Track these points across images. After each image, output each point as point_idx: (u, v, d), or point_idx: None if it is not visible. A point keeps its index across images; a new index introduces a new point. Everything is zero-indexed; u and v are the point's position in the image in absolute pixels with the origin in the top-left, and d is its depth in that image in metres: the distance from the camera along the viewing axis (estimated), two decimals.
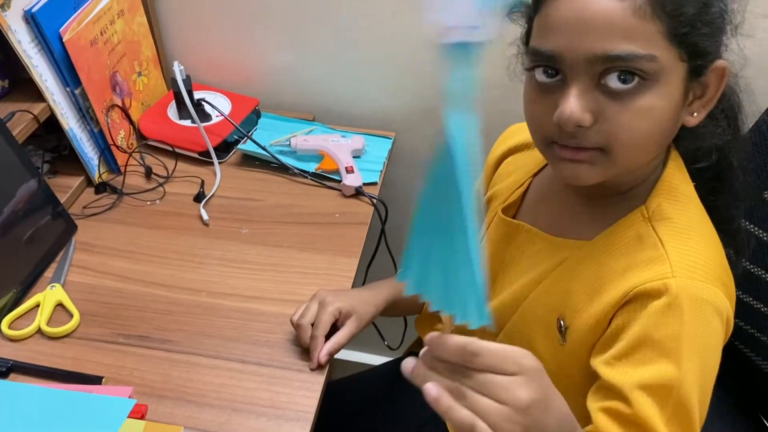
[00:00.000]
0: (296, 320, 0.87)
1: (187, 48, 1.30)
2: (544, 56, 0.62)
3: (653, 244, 0.65)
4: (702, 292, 0.62)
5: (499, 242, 0.82)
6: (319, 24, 1.21)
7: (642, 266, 0.64)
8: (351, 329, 0.87)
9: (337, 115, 1.32)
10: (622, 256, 0.66)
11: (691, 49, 0.60)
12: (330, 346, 0.85)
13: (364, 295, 0.91)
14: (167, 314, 0.93)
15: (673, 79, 0.60)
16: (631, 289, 0.63)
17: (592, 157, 0.63)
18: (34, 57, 1.00)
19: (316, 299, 0.88)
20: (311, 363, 0.86)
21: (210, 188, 1.14)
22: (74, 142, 1.08)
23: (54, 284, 0.95)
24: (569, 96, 0.60)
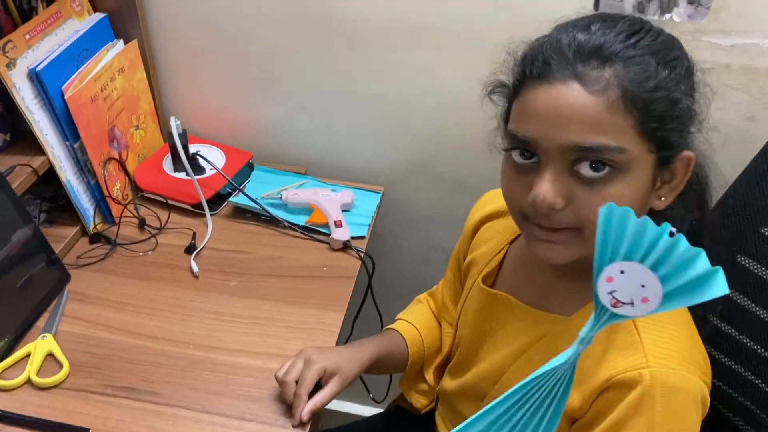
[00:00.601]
0: (281, 377, 0.89)
1: (184, 102, 1.34)
2: (521, 141, 0.65)
3: (628, 330, 0.67)
4: (676, 380, 0.65)
5: (480, 311, 0.85)
6: (311, 81, 1.26)
7: (618, 351, 0.66)
8: (334, 388, 0.88)
9: (328, 168, 1.36)
10: (600, 338, 0.67)
11: (660, 142, 0.64)
12: (312, 404, 0.87)
13: (348, 353, 0.92)
14: (155, 366, 0.95)
15: (641, 168, 0.64)
16: (609, 378, 0.66)
17: (566, 237, 0.66)
18: (36, 113, 1.04)
19: (302, 357, 0.89)
20: (293, 420, 0.87)
21: (201, 240, 1.17)
22: (71, 193, 1.11)
23: (45, 334, 0.97)
24: (543, 180, 0.64)
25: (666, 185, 0.68)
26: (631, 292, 0.48)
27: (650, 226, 0.47)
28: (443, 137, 1.26)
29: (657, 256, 0.47)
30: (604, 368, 0.66)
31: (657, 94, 0.62)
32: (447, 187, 1.32)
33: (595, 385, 0.67)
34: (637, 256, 0.48)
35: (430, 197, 1.35)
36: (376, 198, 1.29)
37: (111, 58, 1.15)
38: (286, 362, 0.90)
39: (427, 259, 1.44)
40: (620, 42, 0.63)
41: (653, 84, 0.62)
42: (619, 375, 0.65)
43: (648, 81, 0.62)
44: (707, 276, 0.46)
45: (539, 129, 0.63)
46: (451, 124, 1.24)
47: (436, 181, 1.32)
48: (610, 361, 0.66)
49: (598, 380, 0.66)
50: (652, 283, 0.47)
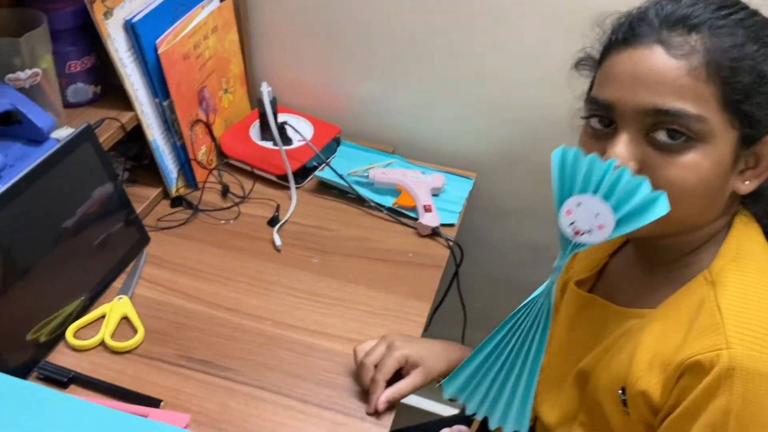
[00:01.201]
0: (360, 358, 0.83)
1: (274, 69, 1.29)
2: (600, 105, 0.65)
3: (711, 311, 0.62)
4: (759, 364, 0.58)
5: (574, 314, 0.81)
6: (409, 57, 1.19)
7: (698, 335, 0.62)
8: (416, 380, 0.82)
9: (417, 149, 1.28)
10: (683, 323, 0.64)
11: (744, 118, 0.61)
12: (390, 393, 0.81)
13: (437, 347, 0.86)
14: (231, 340, 0.90)
15: (722, 142, 0.61)
16: (684, 360, 0.61)
17: None
18: (128, 66, 1.00)
19: (385, 341, 0.84)
20: (368, 407, 0.81)
21: (285, 213, 1.12)
22: (156, 153, 1.08)
23: (122, 296, 0.94)
24: (617, 143, 0.63)
25: (751, 170, 0.65)
26: (589, 222, 0.54)
27: (598, 163, 0.54)
28: (546, 125, 1.17)
29: (607, 187, 0.54)
30: (681, 351, 0.62)
31: (743, 65, 0.60)
32: (545, 180, 1.22)
33: (673, 370, 0.62)
34: (590, 189, 0.54)
35: (524, 190, 1.26)
36: (468, 184, 1.21)
37: (205, 16, 1.11)
38: (368, 342, 0.85)
39: (514, 257, 1.35)
40: (710, 12, 0.62)
41: (739, 54, 0.60)
42: (695, 356, 0.60)
43: (734, 50, 0.60)
44: (651, 200, 0.54)
45: (618, 92, 0.63)
46: (557, 112, 1.15)
47: (533, 173, 1.23)
48: (688, 344, 0.62)
49: (675, 364, 0.62)
50: (605, 212, 0.54)
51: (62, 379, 0.83)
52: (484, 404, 0.66)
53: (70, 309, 0.91)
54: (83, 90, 1.03)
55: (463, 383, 0.66)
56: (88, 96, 1.05)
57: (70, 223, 0.91)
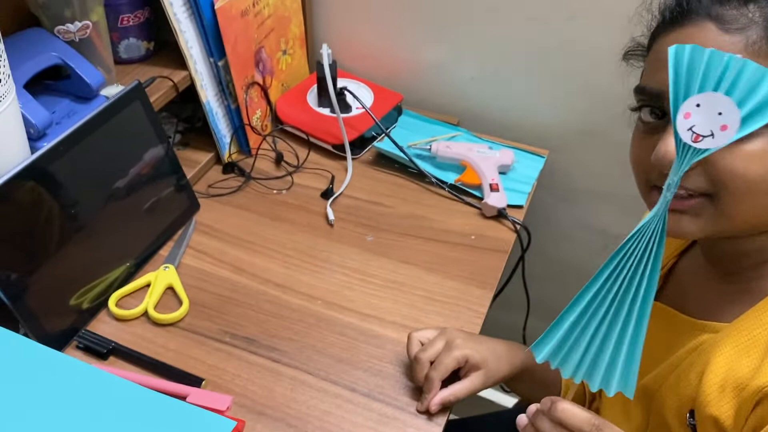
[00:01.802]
0: (415, 351, 0.76)
1: (335, 31, 1.21)
2: (649, 94, 0.59)
3: None
4: None
5: None
6: (481, 21, 1.09)
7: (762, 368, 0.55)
8: (475, 384, 0.75)
9: (484, 122, 1.20)
10: (761, 344, 0.57)
11: None
12: (445, 395, 0.74)
13: (500, 348, 0.78)
14: (279, 318, 0.85)
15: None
16: (762, 387, 0.55)
17: (697, 206, 0.57)
18: (183, 22, 0.95)
19: (444, 337, 0.76)
20: (420, 405, 0.75)
21: (339, 185, 1.05)
22: (210, 116, 1.02)
23: (168, 265, 0.89)
24: (669, 135, 0.55)
25: None
26: (710, 123, 0.47)
27: (717, 55, 0.46)
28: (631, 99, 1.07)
29: (729, 82, 0.47)
30: (758, 377, 0.56)
31: None
32: (623, 161, 1.12)
33: (748, 396, 0.56)
34: (710, 87, 0.47)
35: (599, 170, 1.16)
36: (540, 162, 1.12)
37: None
38: (425, 331, 0.78)
39: (583, 242, 1.26)
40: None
41: None
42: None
43: None
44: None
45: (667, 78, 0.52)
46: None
47: (610, 152, 1.12)
48: (766, 368, 0.56)
49: (751, 390, 0.56)
50: (728, 108, 0.47)
51: (102, 350, 0.79)
52: (582, 366, 0.54)
53: (115, 275, 0.87)
54: (136, 46, 0.98)
55: (556, 344, 0.55)
56: (141, 52, 1.00)
57: (119, 183, 0.87)
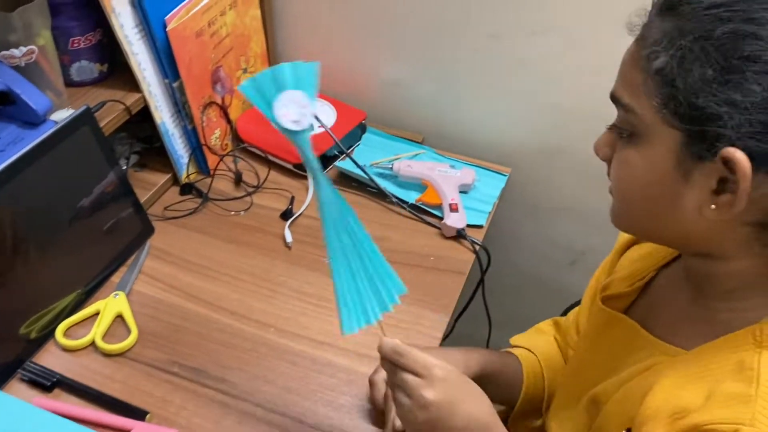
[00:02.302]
0: (371, 376, 0.76)
1: (298, 48, 1.20)
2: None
3: (748, 379, 0.52)
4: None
5: (598, 332, 0.72)
6: (443, 41, 1.08)
7: (724, 401, 0.52)
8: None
9: (448, 139, 1.19)
10: (711, 380, 0.55)
11: (680, 116, 0.51)
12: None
13: (455, 356, 0.77)
14: (230, 347, 0.83)
15: (658, 143, 0.53)
16: (698, 425, 0.52)
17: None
18: (135, 44, 0.93)
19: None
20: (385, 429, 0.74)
21: (299, 206, 1.04)
22: (165, 137, 1.01)
23: (118, 292, 0.88)
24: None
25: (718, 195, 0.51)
26: (298, 110, 0.64)
27: (277, 70, 0.63)
28: (589, 117, 1.06)
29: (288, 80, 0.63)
30: (698, 413, 0.53)
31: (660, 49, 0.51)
32: (587, 176, 1.11)
33: (682, 429, 0.53)
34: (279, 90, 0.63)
35: (563, 186, 1.16)
36: (501, 181, 1.11)
37: None
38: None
39: (548, 258, 1.25)
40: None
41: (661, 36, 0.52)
42: (712, 425, 0.51)
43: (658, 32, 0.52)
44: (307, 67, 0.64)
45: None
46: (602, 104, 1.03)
47: (574, 169, 1.13)
48: (709, 407, 0.53)
49: (686, 424, 0.53)
50: (297, 96, 0.64)
51: (46, 383, 0.77)
52: (369, 309, 0.64)
53: (64, 303, 0.86)
54: (88, 68, 0.97)
55: (349, 313, 0.63)
56: (94, 74, 0.98)
57: (69, 210, 0.85)
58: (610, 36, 0.96)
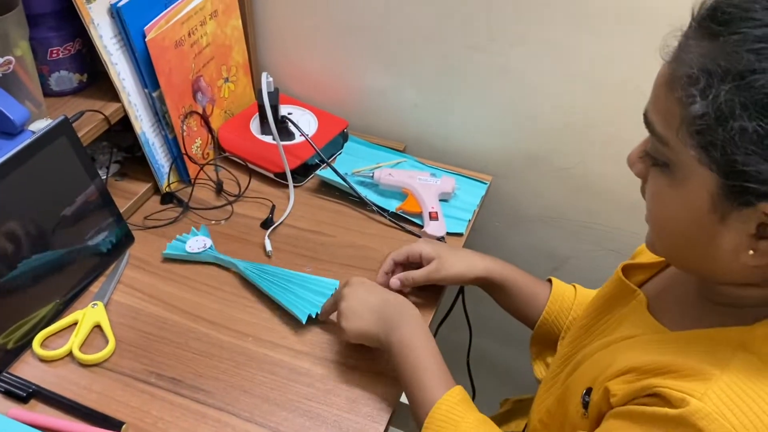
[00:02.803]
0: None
1: (280, 57, 1.21)
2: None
3: (717, 364, 0.53)
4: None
5: (609, 297, 0.73)
6: (424, 49, 1.09)
7: (687, 373, 0.53)
8: (428, 270, 0.87)
9: (430, 147, 1.19)
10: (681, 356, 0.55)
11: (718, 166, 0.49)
12: (400, 274, 0.89)
13: (464, 253, 0.89)
14: (207, 357, 0.83)
15: (693, 182, 0.51)
16: (653, 387, 0.53)
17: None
18: (114, 54, 0.93)
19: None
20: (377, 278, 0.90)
21: (280, 214, 1.04)
22: (146, 147, 1.01)
23: (97, 302, 0.88)
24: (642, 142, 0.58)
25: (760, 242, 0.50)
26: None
27: None
28: (569, 126, 1.07)
29: None
30: (656, 378, 0.54)
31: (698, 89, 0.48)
32: (569, 186, 1.13)
33: (640, 387, 0.55)
34: None
35: (545, 195, 1.16)
36: (482, 189, 1.11)
37: (203, 0, 1.03)
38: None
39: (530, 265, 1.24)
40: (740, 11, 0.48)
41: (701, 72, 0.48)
42: (663, 389, 0.52)
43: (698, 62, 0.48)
44: None
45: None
46: (590, 114, 1.04)
47: (556, 178, 1.13)
48: (672, 375, 0.54)
49: (642, 385, 0.55)
50: None
51: (22, 393, 0.77)
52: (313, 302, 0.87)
53: (42, 313, 0.85)
54: (67, 78, 0.97)
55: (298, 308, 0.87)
56: (73, 84, 0.98)
57: (48, 220, 0.85)
58: (590, 46, 0.97)
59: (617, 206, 1.11)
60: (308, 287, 0.90)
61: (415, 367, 0.74)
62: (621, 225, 1.13)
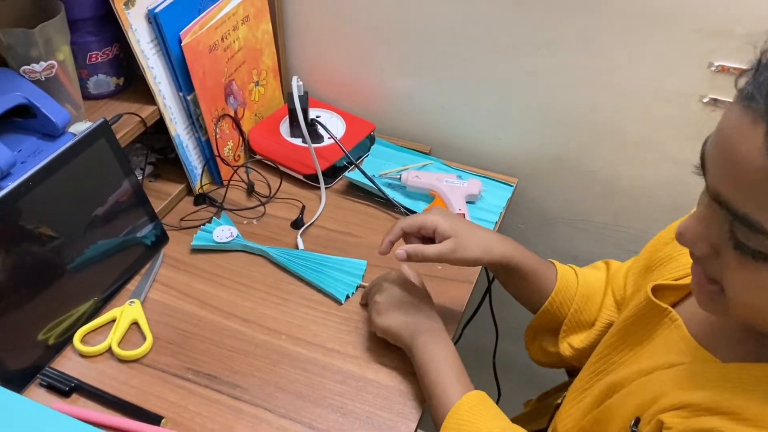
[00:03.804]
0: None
1: (308, 61, 1.23)
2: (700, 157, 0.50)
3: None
4: None
5: (638, 317, 0.68)
6: (450, 53, 1.10)
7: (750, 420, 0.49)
8: (442, 248, 0.79)
9: (455, 150, 1.21)
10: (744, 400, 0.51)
11: None
12: (409, 246, 0.81)
13: (481, 233, 0.81)
14: (242, 354, 0.85)
15: None
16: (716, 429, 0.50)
17: (713, 290, 0.52)
18: (150, 58, 0.96)
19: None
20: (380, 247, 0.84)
21: (310, 215, 1.06)
22: (180, 149, 1.03)
23: (134, 300, 0.90)
24: (692, 215, 0.52)
25: None
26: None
27: None
28: (604, 130, 1.08)
29: None
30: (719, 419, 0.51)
31: None
32: (595, 188, 1.14)
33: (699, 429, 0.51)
34: None
35: (572, 198, 1.17)
36: (508, 192, 1.12)
37: (235, 6, 1.05)
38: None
39: None
40: None
41: None
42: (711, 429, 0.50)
43: None
44: None
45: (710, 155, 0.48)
46: (616, 116, 1.05)
47: (583, 181, 1.14)
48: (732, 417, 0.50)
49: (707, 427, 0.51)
50: None
51: (64, 388, 0.79)
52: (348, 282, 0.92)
53: (81, 310, 0.88)
54: (105, 82, 1.00)
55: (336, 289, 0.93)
56: (111, 88, 1.01)
57: (87, 219, 0.87)
58: (616, 49, 0.98)
59: (642, 209, 1.11)
60: (341, 269, 0.96)
61: (437, 371, 0.75)
62: (645, 227, 1.14)
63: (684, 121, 0.99)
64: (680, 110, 0.98)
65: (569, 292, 0.84)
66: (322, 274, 0.95)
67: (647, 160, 1.06)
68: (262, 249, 0.98)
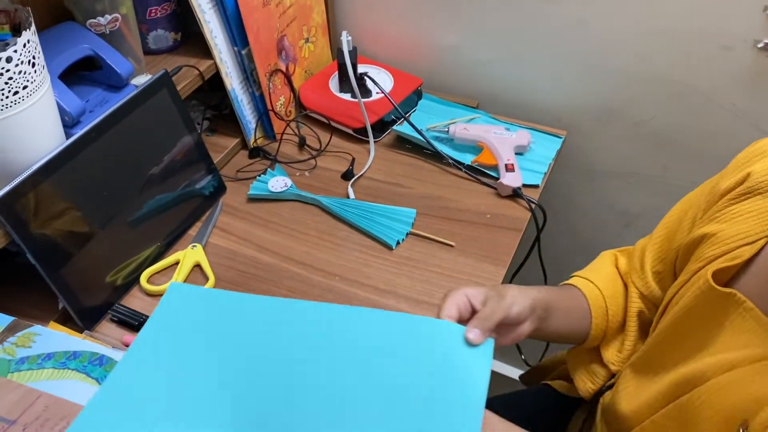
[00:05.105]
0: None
1: (356, 18, 1.25)
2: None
3: None
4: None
5: (697, 308, 0.63)
6: (497, 5, 1.11)
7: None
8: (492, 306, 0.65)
9: (502, 104, 1.22)
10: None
11: None
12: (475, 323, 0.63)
13: (514, 287, 0.71)
14: (299, 294, 0.89)
15: None
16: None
17: None
18: (207, 12, 0.99)
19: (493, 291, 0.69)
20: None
21: (360, 167, 1.09)
22: (235, 103, 1.07)
23: (195, 244, 0.95)
24: None
25: None
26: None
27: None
28: (653, 79, 1.07)
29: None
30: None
31: None
32: (645, 140, 1.14)
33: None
34: None
35: (620, 150, 1.17)
36: (557, 143, 1.13)
37: None
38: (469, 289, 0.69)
39: (603, 222, 1.27)
40: None
41: None
42: None
43: None
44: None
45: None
46: (666, 66, 1.04)
47: (631, 132, 1.14)
48: None
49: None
50: None
51: (134, 322, 0.84)
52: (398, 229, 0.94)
53: (146, 254, 0.93)
54: (164, 37, 1.03)
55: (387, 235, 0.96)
56: (169, 43, 1.05)
57: (150, 167, 0.92)
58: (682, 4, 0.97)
59: (692, 160, 1.11)
60: (391, 217, 0.99)
61: None
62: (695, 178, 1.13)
63: (738, 67, 0.98)
64: (734, 56, 0.97)
65: (601, 310, 0.79)
66: (373, 221, 0.98)
67: (698, 109, 1.06)
68: (315, 198, 1.01)
